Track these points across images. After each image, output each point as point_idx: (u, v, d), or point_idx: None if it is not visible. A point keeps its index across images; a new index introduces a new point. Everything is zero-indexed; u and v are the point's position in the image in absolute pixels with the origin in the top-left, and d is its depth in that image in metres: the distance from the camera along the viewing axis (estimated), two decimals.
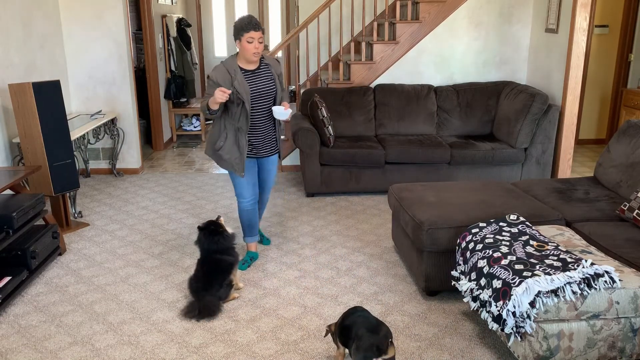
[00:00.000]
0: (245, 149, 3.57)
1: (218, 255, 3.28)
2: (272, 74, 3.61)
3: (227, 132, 3.57)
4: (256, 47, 3.41)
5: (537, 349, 2.46)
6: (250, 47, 3.41)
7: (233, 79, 3.45)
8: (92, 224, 4.61)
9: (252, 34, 3.37)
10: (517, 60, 5.98)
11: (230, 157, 3.59)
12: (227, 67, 3.49)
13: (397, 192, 3.76)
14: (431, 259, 3.25)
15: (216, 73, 3.48)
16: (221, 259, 3.27)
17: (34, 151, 4.17)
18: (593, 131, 7.16)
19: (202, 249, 3.34)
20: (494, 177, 5.22)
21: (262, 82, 3.56)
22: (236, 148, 3.57)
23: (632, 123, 3.95)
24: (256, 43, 3.40)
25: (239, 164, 3.59)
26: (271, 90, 3.60)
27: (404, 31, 5.66)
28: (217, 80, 3.45)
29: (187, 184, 5.69)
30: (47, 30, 5.31)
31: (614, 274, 2.46)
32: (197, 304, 3.17)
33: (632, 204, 3.27)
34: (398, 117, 5.59)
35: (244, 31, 3.37)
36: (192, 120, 7.99)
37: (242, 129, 3.54)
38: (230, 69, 3.48)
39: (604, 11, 6.70)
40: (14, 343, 2.94)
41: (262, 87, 3.55)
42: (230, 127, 3.56)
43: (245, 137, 3.56)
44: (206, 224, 3.39)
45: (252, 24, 3.37)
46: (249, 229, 3.85)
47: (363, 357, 2.38)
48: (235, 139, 3.56)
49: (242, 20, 3.41)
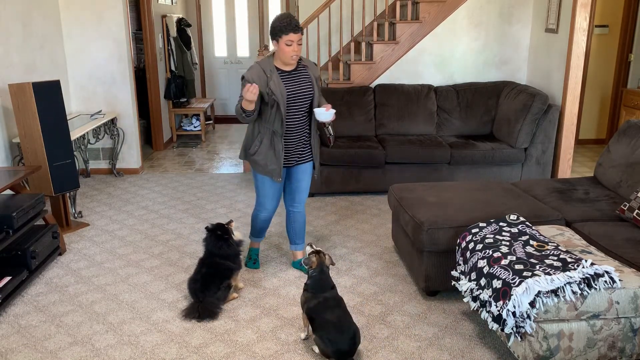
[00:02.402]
0: (282, 154, 3.33)
1: (219, 259, 3.26)
2: (310, 77, 3.39)
3: (261, 136, 3.35)
4: (295, 50, 3.19)
5: (537, 349, 2.46)
6: (288, 50, 3.19)
7: (269, 79, 3.23)
8: (92, 224, 4.61)
9: (291, 36, 3.14)
10: (517, 60, 5.98)
11: (266, 162, 3.37)
12: (262, 67, 3.26)
13: (397, 192, 3.76)
14: (431, 259, 3.25)
15: (251, 73, 3.26)
16: (221, 264, 3.26)
17: (34, 151, 4.17)
18: (593, 131, 7.16)
19: (205, 250, 3.33)
20: (494, 177, 5.22)
21: (299, 84, 3.34)
22: (272, 152, 3.35)
23: (632, 123, 3.95)
24: (295, 46, 3.18)
25: (275, 169, 3.36)
26: (309, 93, 3.37)
27: (404, 31, 5.66)
28: (252, 81, 3.20)
29: (187, 184, 5.69)
30: (47, 30, 5.31)
31: (614, 274, 2.46)
32: (196, 306, 3.17)
33: (632, 204, 3.27)
34: (398, 117, 5.59)
35: (283, 33, 3.14)
36: (192, 120, 7.99)
37: (278, 132, 3.31)
38: (266, 69, 3.26)
39: (604, 11, 6.70)
40: (14, 343, 2.94)
41: (299, 90, 3.33)
42: (265, 130, 3.34)
43: (282, 141, 3.32)
44: (214, 226, 3.34)
45: (291, 26, 3.13)
46: (259, 232, 3.73)
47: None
48: (271, 143, 3.34)
49: (281, 20, 3.15)
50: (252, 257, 3.79)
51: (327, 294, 2.78)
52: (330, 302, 2.74)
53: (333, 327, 2.66)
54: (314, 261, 2.83)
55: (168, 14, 7.59)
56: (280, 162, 3.36)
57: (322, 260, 2.84)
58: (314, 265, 2.83)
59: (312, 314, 2.75)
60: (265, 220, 3.64)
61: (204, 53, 9.13)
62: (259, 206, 3.58)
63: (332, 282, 2.85)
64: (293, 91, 3.31)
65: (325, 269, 2.83)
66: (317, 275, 2.82)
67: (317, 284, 2.80)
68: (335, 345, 2.65)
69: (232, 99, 9.26)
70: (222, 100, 9.30)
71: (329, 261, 2.87)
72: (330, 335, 2.66)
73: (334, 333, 2.66)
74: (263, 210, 3.57)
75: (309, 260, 2.84)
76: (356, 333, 2.70)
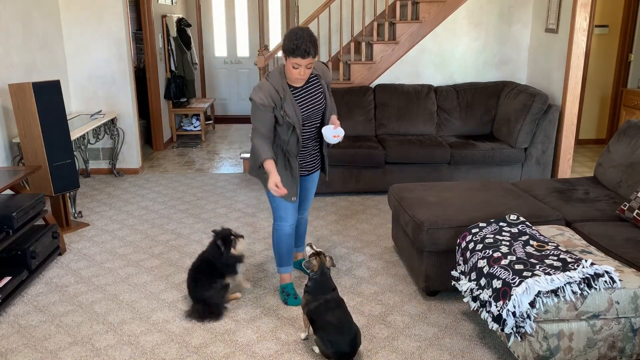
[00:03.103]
0: (297, 172, 3.15)
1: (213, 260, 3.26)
2: (322, 86, 3.15)
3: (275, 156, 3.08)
4: (301, 73, 2.95)
5: (537, 349, 2.46)
6: (294, 72, 2.95)
7: (283, 100, 2.98)
8: (92, 224, 4.61)
9: (298, 60, 2.89)
10: (517, 60, 5.98)
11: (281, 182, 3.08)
12: (274, 86, 2.99)
13: (397, 192, 3.76)
14: (431, 259, 3.25)
15: (264, 95, 2.96)
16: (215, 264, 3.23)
17: (34, 151, 4.17)
18: (593, 131, 7.16)
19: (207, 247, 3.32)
20: (494, 177, 5.22)
21: (312, 100, 3.11)
22: (288, 173, 3.15)
23: (632, 123, 3.95)
24: (302, 70, 2.93)
25: (291, 188, 3.14)
26: (321, 107, 3.15)
27: (404, 31, 5.66)
28: (266, 103, 2.96)
29: (187, 184, 5.69)
30: (47, 30, 5.31)
31: (614, 274, 2.46)
32: (196, 307, 3.16)
33: (632, 204, 3.27)
34: (398, 117, 5.59)
35: (290, 55, 2.89)
36: (192, 120, 7.99)
37: (293, 152, 3.12)
38: (279, 88, 2.98)
39: (604, 11, 6.70)
40: (14, 343, 2.94)
41: (312, 106, 3.11)
42: (278, 149, 3.12)
43: (297, 159, 3.15)
44: (219, 233, 3.23)
45: (299, 51, 2.85)
46: (288, 256, 3.35)
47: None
48: (286, 162, 3.14)
49: (291, 41, 2.87)
50: (289, 292, 3.36)
51: (328, 295, 2.77)
52: (331, 303, 2.74)
53: (334, 328, 2.66)
54: (314, 264, 2.81)
55: (168, 14, 7.59)
56: (297, 183, 3.18)
57: (322, 262, 2.83)
58: (315, 269, 2.81)
59: (312, 316, 2.75)
60: (291, 235, 3.32)
61: (204, 53, 9.13)
62: (280, 221, 3.27)
63: (333, 284, 2.84)
64: (306, 109, 3.10)
65: (325, 270, 2.82)
66: (317, 278, 2.81)
67: (318, 286, 2.79)
68: (336, 346, 2.65)
69: (232, 99, 9.27)
70: (222, 100, 9.31)
71: (330, 263, 2.86)
72: (331, 336, 2.66)
73: (335, 334, 2.66)
74: (284, 223, 3.27)
75: (309, 264, 2.81)
76: (357, 334, 2.70)
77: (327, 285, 2.81)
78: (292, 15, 8.03)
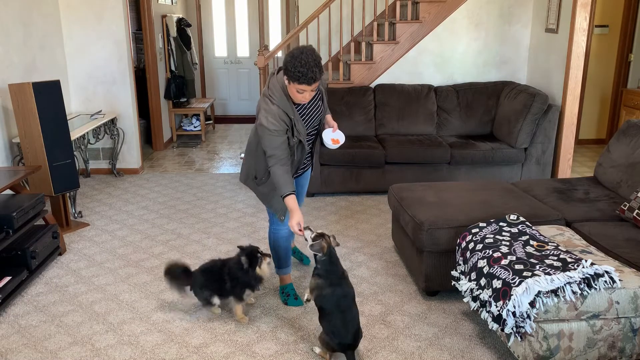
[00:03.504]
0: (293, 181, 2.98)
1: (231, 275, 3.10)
2: (320, 92, 3.12)
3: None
4: (306, 97, 2.84)
5: (537, 349, 2.46)
6: (299, 97, 2.84)
7: (293, 121, 2.91)
8: (92, 224, 4.61)
9: (304, 87, 2.77)
10: (517, 60, 5.99)
11: (274, 195, 3.09)
12: (284, 110, 2.87)
13: (397, 192, 3.76)
14: (431, 259, 3.25)
15: (275, 120, 2.84)
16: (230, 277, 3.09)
17: (34, 151, 4.17)
18: (593, 131, 7.16)
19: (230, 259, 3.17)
20: (494, 177, 5.22)
21: (313, 110, 3.08)
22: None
23: (632, 123, 3.95)
24: (307, 94, 2.82)
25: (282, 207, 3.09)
26: (320, 113, 3.14)
27: (404, 31, 5.66)
28: (280, 128, 2.86)
29: (187, 184, 5.69)
30: (47, 30, 5.31)
31: (614, 274, 2.46)
32: None
33: (632, 204, 3.27)
34: (398, 117, 5.59)
35: (296, 82, 2.76)
36: (192, 120, 7.99)
37: (295, 165, 3.08)
38: (288, 111, 2.88)
39: (604, 11, 6.70)
40: (14, 343, 2.94)
41: (313, 115, 3.08)
42: None
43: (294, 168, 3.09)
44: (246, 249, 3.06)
45: (306, 78, 2.72)
46: (286, 258, 3.34)
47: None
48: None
49: (295, 67, 2.71)
50: (289, 293, 3.35)
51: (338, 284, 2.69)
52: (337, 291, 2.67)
53: (340, 320, 2.64)
54: (324, 246, 2.70)
55: (168, 14, 7.59)
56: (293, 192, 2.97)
57: (329, 243, 2.73)
58: (324, 250, 2.70)
59: (321, 304, 2.70)
60: (288, 238, 3.29)
61: (204, 53, 9.13)
62: (277, 225, 3.23)
63: (342, 268, 2.75)
64: (309, 120, 3.07)
65: (333, 251, 2.73)
66: (327, 259, 2.70)
67: (329, 269, 2.70)
68: (338, 337, 2.64)
69: (232, 99, 9.27)
70: (222, 100, 9.31)
71: (334, 242, 2.77)
72: (336, 328, 2.64)
73: (340, 327, 2.63)
74: (282, 228, 3.24)
75: (318, 246, 2.69)
76: (359, 327, 2.70)
77: (337, 267, 2.73)
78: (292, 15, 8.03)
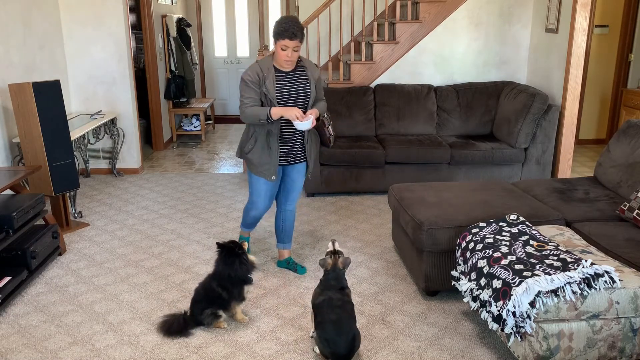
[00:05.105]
0: (276, 153, 3.38)
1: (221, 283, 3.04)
2: (308, 77, 3.39)
3: (256, 135, 3.39)
4: (289, 55, 3.22)
5: (537, 349, 2.46)
6: (282, 54, 3.23)
7: (265, 78, 3.27)
8: (92, 224, 4.61)
9: (286, 42, 3.16)
10: (517, 60, 5.98)
11: (260, 162, 3.41)
12: (261, 67, 3.30)
13: (397, 192, 3.76)
14: (431, 259, 3.25)
15: (251, 72, 3.30)
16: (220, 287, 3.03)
17: (34, 151, 4.17)
18: (593, 131, 7.16)
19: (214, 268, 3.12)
20: (494, 177, 5.22)
21: (296, 85, 3.36)
22: (267, 152, 3.39)
23: (632, 123, 3.95)
24: (290, 52, 3.20)
25: (269, 169, 3.40)
26: (306, 94, 3.38)
27: (404, 31, 5.66)
28: (252, 79, 3.28)
29: (187, 184, 5.69)
30: (47, 30, 5.31)
31: (614, 274, 2.46)
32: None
33: (632, 204, 3.27)
34: (398, 117, 5.59)
35: (279, 37, 3.17)
36: (192, 120, 7.99)
37: (273, 132, 3.35)
38: (264, 69, 3.29)
39: (604, 11, 6.70)
40: (14, 343, 2.94)
41: (295, 90, 3.35)
42: (260, 129, 3.38)
43: (277, 140, 3.37)
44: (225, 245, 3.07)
45: (288, 32, 3.13)
46: (251, 225, 3.81)
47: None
48: (266, 142, 3.37)
49: (281, 24, 3.17)
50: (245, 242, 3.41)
51: (335, 294, 2.76)
52: (335, 302, 2.72)
53: (333, 327, 2.65)
54: (329, 262, 2.84)
55: (168, 14, 7.59)
56: (276, 162, 3.40)
57: (335, 262, 2.83)
58: (328, 267, 2.84)
59: (316, 310, 2.76)
60: (255, 217, 3.68)
61: (204, 53, 9.13)
62: (251, 204, 3.61)
63: (344, 284, 2.84)
64: (288, 92, 3.33)
65: (338, 270, 2.83)
66: (329, 274, 2.83)
67: (328, 282, 2.82)
68: (332, 346, 2.65)
69: (232, 99, 9.26)
70: (222, 100, 9.30)
71: (342, 264, 2.84)
72: (329, 336, 2.65)
73: (333, 334, 2.65)
74: (254, 208, 3.61)
75: (324, 262, 2.86)
76: (356, 337, 2.69)
77: (337, 282, 2.82)
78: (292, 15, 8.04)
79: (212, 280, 3.04)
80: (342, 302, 2.75)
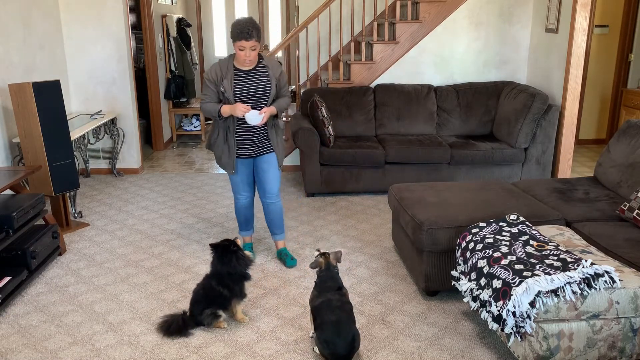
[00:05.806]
0: (234, 149, 3.59)
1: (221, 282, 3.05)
2: (269, 76, 3.53)
3: (218, 129, 3.62)
4: (247, 55, 3.39)
5: (537, 349, 2.46)
6: (240, 54, 3.40)
7: (223, 77, 3.47)
8: (92, 224, 4.61)
9: (242, 43, 3.34)
10: (517, 60, 5.98)
11: (220, 155, 3.65)
12: (220, 66, 3.50)
13: (397, 192, 3.76)
14: (431, 259, 3.25)
15: (209, 71, 3.51)
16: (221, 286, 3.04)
17: (34, 151, 4.17)
18: (593, 131, 7.16)
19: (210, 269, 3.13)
20: (494, 177, 5.22)
21: (255, 83, 3.51)
22: (226, 147, 3.61)
23: (632, 123, 3.95)
24: (247, 52, 3.37)
25: (228, 163, 3.64)
26: (265, 92, 3.53)
27: (404, 31, 5.66)
28: (211, 78, 3.49)
29: (187, 184, 5.69)
30: (47, 30, 5.31)
31: (614, 274, 2.46)
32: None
33: (632, 204, 3.27)
34: (398, 117, 5.59)
35: (236, 39, 3.35)
36: (192, 120, 7.99)
37: (230, 128, 3.57)
38: (223, 68, 3.49)
39: (604, 11, 6.70)
40: (14, 343, 2.94)
41: (255, 88, 3.50)
42: (221, 125, 3.60)
43: (234, 137, 3.57)
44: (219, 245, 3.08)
45: (242, 34, 3.30)
46: (246, 224, 3.95)
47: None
48: (225, 137, 3.60)
49: (235, 27, 3.35)
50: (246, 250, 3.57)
51: (333, 295, 2.78)
52: (333, 303, 2.74)
53: (332, 328, 2.65)
54: (321, 261, 2.89)
55: (168, 14, 7.59)
56: (233, 157, 3.60)
57: (327, 261, 2.89)
58: (322, 266, 2.88)
59: (315, 312, 2.77)
60: (245, 207, 3.85)
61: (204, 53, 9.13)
62: (234, 194, 3.83)
63: (340, 283, 2.87)
64: (247, 90, 3.48)
65: (331, 268, 2.88)
66: (324, 274, 2.87)
67: (323, 282, 2.85)
68: (332, 347, 2.64)
69: None
70: None
71: (335, 260, 2.90)
72: (328, 337, 2.65)
73: (332, 335, 2.65)
74: (238, 196, 3.81)
75: (316, 263, 2.90)
76: (355, 338, 2.68)
77: (333, 281, 2.84)
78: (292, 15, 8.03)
79: (212, 280, 3.04)
80: (340, 302, 2.75)
